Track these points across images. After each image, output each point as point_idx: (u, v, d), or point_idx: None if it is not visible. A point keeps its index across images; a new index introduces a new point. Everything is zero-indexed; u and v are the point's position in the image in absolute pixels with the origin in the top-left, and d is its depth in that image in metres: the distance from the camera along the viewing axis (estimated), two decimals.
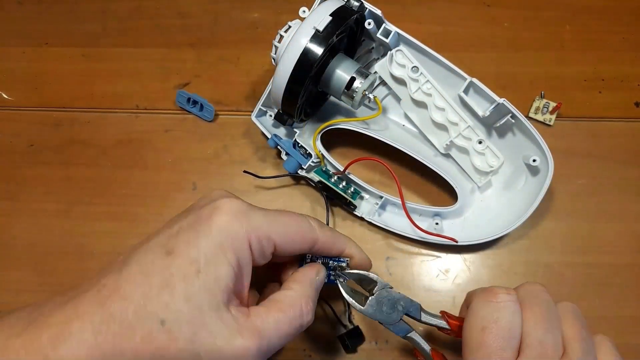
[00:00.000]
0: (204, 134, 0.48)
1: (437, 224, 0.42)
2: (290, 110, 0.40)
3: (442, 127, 0.43)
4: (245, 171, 0.45)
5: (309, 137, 0.45)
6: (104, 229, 0.45)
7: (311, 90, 0.42)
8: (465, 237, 0.41)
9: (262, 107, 0.45)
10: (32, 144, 0.49)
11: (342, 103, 0.43)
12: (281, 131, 0.46)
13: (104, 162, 0.47)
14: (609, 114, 0.47)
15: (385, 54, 0.43)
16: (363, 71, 0.40)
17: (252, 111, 0.45)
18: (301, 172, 0.44)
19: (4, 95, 0.51)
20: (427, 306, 0.41)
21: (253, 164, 0.47)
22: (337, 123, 0.43)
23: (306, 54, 0.36)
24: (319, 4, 0.40)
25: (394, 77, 0.43)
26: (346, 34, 0.41)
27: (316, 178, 0.43)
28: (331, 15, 0.37)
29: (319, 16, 0.37)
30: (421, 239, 0.42)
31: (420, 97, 0.43)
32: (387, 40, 0.41)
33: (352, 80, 0.40)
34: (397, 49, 0.42)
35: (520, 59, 0.50)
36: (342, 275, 0.34)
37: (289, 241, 0.30)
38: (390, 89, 0.45)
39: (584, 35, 0.50)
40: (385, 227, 0.43)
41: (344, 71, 0.40)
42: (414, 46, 0.42)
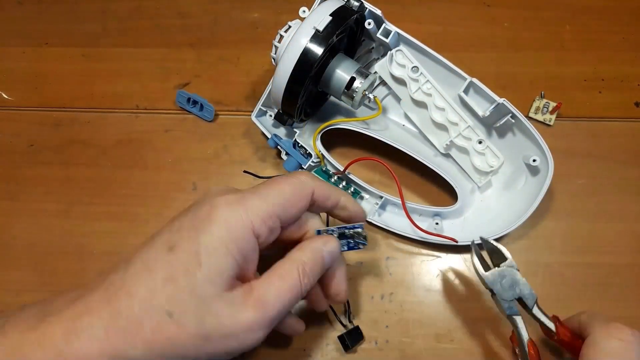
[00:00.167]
0: (204, 134, 0.48)
1: (437, 224, 0.42)
2: (290, 110, 0.40)
3: (442, 127, 0.43)
4: (245, 171, 0.45)
5: (309, 137, 0.45)
6: (104, 229, 0.45)
7: (311, 90, 0.42)
8: (465, 237, 0.41)
9: (262, 107, 0.45)
10: (32, 144, 0.49)
11: (342, 103, 0.43)
12: (281, 131, 0.46)
13: (104, 162, 0.47)
14: (609, 114, 0.47)
15: (385, 54, 0.43)
16: (363, 71, 0.40)
17: (252, 111, 0.45)
18: None
19: (4, 95, 0.51)
20: (427, 305, 0.42)
21: (253, 164, 0.47)
22: (337, 123, 0.43)
23: (306, 54, 0.36)
24: (319, 4, 0.40)
25: (394, 77, 0.43)
26: (346, 34, 0.41)
27: None
28: (331, 15, 0.37)
29: (319, 16, 0.37)
30: (421, 239, 0.42)
31: (420, 97, 0.43)
32: (387, 40, 0.41)
33: (352, 80, 0.40)
34: (397, 49, 0.42)
35: (520, 59, 0.50)
36: (360, 242, 0.34)
37: (290, 207, 0.30)
38: (390, 89, 0.45)
39: (584, 35, 0.50)
40: (385, 227, 0.43)
41: (344, 71, 0.40)
42: (414, 46, 0.42)
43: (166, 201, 0.46)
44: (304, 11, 0.40)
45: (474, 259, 0.36)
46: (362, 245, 0.34)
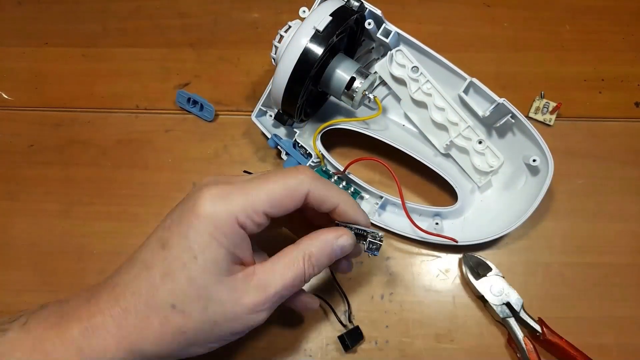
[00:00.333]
0: (204, 134, 0.48)
1: (437, 224, 0.42)
2: (291, 110, 0.40)
3: (442, 127, 0.43)
4: (245, 171, 0.45)
5: (309, 137, 0.45)
6: (104, 229, 0.45)
7: (311, 90, 0.42)
8: (465, 237, 0.41)
9: (262, 107, 0.45)
10: (32, 144, 0.49)
11: (342, 103, 0.43)
12: (281, 131, 0.46)
13: (104, 162, 0.47)
14: (609, 114, 0.48)
15: (385, 54, 0.43)
16: (363, 71, 0.40)
17: (252, 111, 0.45)
18: None
19: (4, 95, 0.51)
20: (427, 305, 0.42)
21: (253, 164, 0.47)
22: (337, 123, 0.43)
23: (306, 54, 0.36)
24: (319, 4, 0.40)
25: (394, 77, 0.43)
26: (346, 34, 0.41)
27: None
28: (331, 15, 0.37)
29: (319, 16, 0.37)
30: (421, 239, 0.42)
31: (420, 97, 0.43)
32: (387, 40, 0.41)
33: (352, 80, 0.40)
34: (397, 49, 0.42)
35: (520, 59, 0.50)
36: (371, 252, 0.34)
37: (278, 206, 0.30)
38: (390, 89, 0.45)
39: (584, 35, 0.50)
40: (386, 227, 0.43)
41: (344, 71, 0.40)
42: (414, 46, 0.42)
43: (166, 201, 0.46)
44: (304, 11, 0.40)
45: (466, 270, 0.41)
46: (371, 254, 0.34)
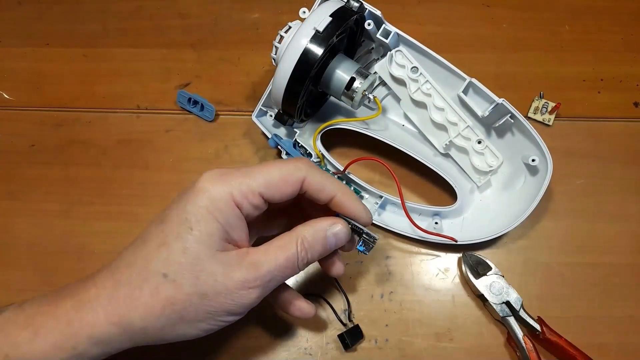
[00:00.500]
0: (205, 134, 0.48)
1: (436, 223, 0.42)
2: (291, 110, 0.40)
3: (441, 127, 0.43)
4: None
5: (309, 137, 0.45)
6: (104, 229, 0.45)
7: (311, 91, 0.42)
8: (464, 237, 0.41)
9: (262, 107, 0.45)
10: (33, 144, 0.49)
11: (342, 103, 0.43)
12: (281, 131, 0.46)
13: (105, 162, 0.48)
14: (608, 114, 0.48)
15: (385, 55, 0.43)
16: (363, 71, 0.40)
17: (252, 111, 0.45)
18: None
19: (5, 96, 0.51)
20: (427, 304, 0.42)
21: (253, 163, 0.47)
22: (337, 123, 0.43)
23: (306, 54, 0.37)
24: (319, 5, 0.40)
25: (393, 78, 0.43)
26: (346, 35, 0.41)
27: None
28: (331, 15, 0.37)
29: (319, 17, 0.37)
30: (421, 239, 0.42)
31: (420, 97, 0.43)
32: (387, 41, 0.41)
33: (352, 80, 0.40)
34: (396, 49, 0.42)
35: (519, 59, 0.50)
36: (371, 244, 0.34)
37: (275, 189, 0.31)
38: (390, 89, 0.45)
39: (583, 35, 0.51)
40: (385, 227, 0.43)
41: (343, 71, 0.40)
42: (413, 47, 0.42)
43: (166, 201, 0.45)
44: (304, 12, 0.40)
45: (465, 269, 0.41)
46: (362, 252, 0.34)
